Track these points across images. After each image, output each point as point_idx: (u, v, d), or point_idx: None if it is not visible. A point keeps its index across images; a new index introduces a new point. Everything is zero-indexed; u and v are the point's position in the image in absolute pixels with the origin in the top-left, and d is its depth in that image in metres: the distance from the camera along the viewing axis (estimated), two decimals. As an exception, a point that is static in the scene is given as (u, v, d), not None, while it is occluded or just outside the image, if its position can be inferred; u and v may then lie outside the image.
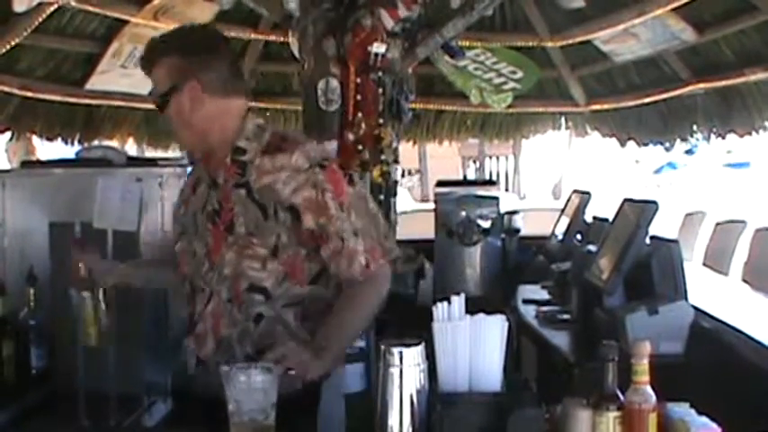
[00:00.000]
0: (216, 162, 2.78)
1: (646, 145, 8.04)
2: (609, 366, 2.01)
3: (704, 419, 2.11)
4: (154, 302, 4.19)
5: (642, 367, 1.99)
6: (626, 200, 4.12)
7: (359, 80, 5.21)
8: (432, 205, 6.56)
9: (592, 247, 4.24)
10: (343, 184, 2.75)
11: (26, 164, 5.07)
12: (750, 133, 6.55)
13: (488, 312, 2.25)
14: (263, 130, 2.81)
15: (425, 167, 20.47)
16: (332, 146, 5.15)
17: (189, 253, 2.83)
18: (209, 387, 2.48)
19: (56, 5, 5.64)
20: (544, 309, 4.47)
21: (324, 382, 2.65)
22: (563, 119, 8.43)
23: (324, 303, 2.74)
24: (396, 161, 5.66)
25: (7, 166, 8.08)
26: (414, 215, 8.44)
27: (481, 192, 6.42)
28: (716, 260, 6.88)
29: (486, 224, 6.06)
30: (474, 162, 21.83)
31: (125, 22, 6.37)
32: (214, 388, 2.30)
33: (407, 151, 9.83)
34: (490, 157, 21.50)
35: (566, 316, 4.27)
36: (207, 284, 2.75)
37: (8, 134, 6.88)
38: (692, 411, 2.14)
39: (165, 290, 3.94)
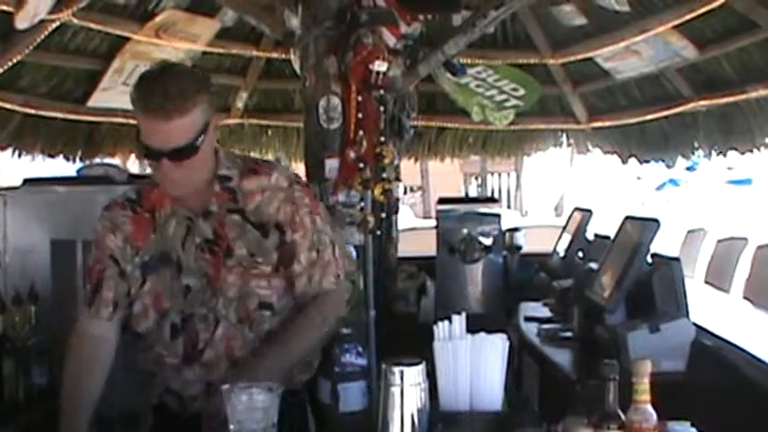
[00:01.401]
0: (203, 194, 2.73)
1: (647, 162, 8.04)
2: (610, 385, 2.01)
3: (705, 438, 2.11)
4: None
5: (643, 386, 1.98)
6: (627, 217, 4.13)
7: (360, 98, 5.21)
8: (433, 222, 6.56)
9: (593, 265, 4.24)
10: (316, 200, 2.89)
11: (28, 181, 5.07)
12: (751, 150, 6.56)
13: (489, 331, 2.25)
14: (234, 156, 2.86)
15: (427, 184, 20.50)
16: (333, 163, 5.15)
17: (171, 289, 2.74)
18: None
19: (58, 23, 5.65)
20: (546, 326, 4.46)
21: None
22: (565, 136, 8.43)
23: None
24: (397, 179, 5.66)
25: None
26: (415, 232, 8.45)
27: (483, 209, 6.41)
28: (717, 277, 6.87)
29: (487, 241, 6.05)
30: (476, 179, 21.87)
31: (127, 40, 6.39)
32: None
33: (409, 168, 9.85)
34: (492, 174, 21.54)
35: (567, 333, 4.26)
36: (210, 311, 2.72)
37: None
38: (693, 430, 2.14)
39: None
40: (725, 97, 6.38)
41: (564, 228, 5.83)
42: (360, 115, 5.20)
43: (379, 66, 5.11)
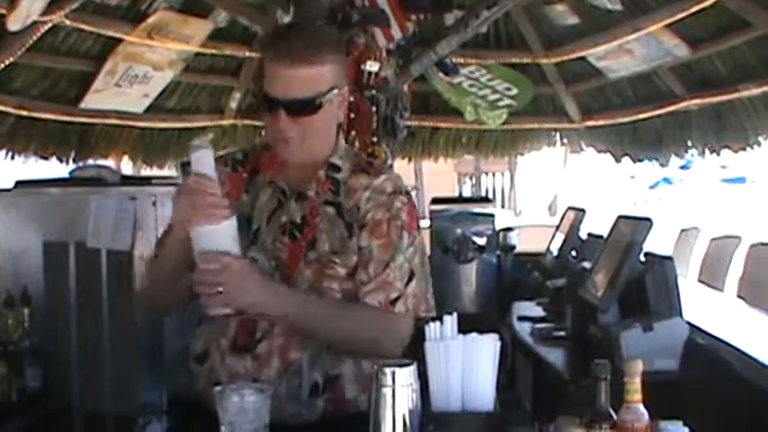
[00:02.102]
0: (306, 175, 2.60)
1: (641, 161, 8.05)
2: (601, 385, 2.01)
3: (698, 437, 2.11)
4: (149, 322, 4.18)
5: (634, 386, 1.98)
6: (620, 216, 4.13)
7: (352, 98, 5.21)
8: (427, 222, 6.57)
9: (586, 264, 4.25)
10: (416, 221, 2.64)
11: (20, 183, 5.07)
12: (744, 149, 6.56)
13: (482, 331, 2.25)
14: (352, 152, 2.75)
15: (421, 184, 20.47)
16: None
17: None
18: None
19: (50, 24, 5.64)
20: (539, 326, 4.47)
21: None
22: (558, 135, 8.43)
23: None
24: (390, 178, 5.66)
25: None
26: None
27: (476, 209, 6.43)
28: (711, 276, 6.86)
29: (481, 241, 6.07)
30: (470, 179, 21.83)
31: (119, 41, 6.37)
32: (277, 414, 2.21)
33: (403, 168, 9.83)
34: (486, 174, 21.50)
35: (561, 333, 4.27)
36: None
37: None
38: (686, 429, 2.13)
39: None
40: (718, 96, 6.39)
41: (557, 227, 5.84)
42: (352, 115, 5.20)
43: (371, 66, 5.12)
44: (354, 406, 2.52)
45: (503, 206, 19.67)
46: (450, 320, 2.23)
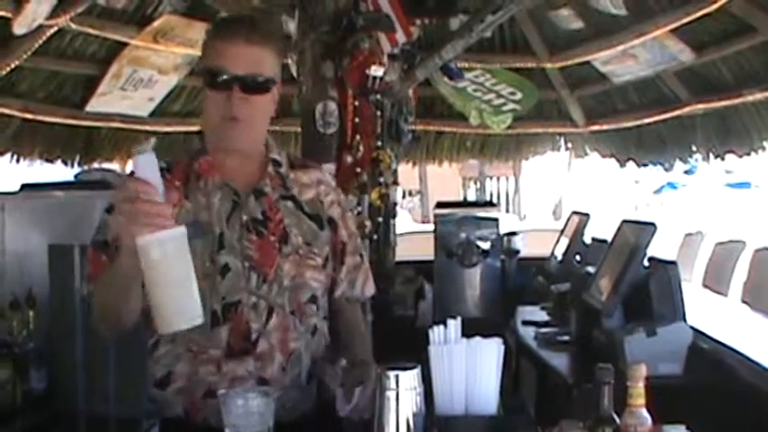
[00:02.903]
0: (256, 172, 2.66)
1: (645, 165, 8.05)
2: (604, 389, 2.01)
3: (701, 442, 2.12)
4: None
5: (638, 390, 1.99)
6: (624, 221, 4.13)
7: (357, 103, 5.22)
8: (432, 226, 6.57)
9: (591, 269, 4.24)
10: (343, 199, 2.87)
11: (26, 186, 5.09)
12: (749, 153, 6.57)
13: (486, 335, 2.25)
14: (278, 147, 2.79)
15: (426, 188, 20.49)
16: (330, 168, 5.15)
17: (204, 266, 2.49)
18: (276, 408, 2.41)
19: (56, 28, 5.66)
20: (543, 330, 4.46)
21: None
22: (562, 140, 8.44)
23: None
24: (395, 183, 5.67)
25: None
26: (413, 236, 8.45)
27: (481, 213, 6.42)
28: (715, 280, 6.88)
29: (485, 245, 6.06)
30: (475, 183, 21.88)
31: (124, 45, 6.39)
32: (281, 407, 2.28)
33: (408, 172, 9.86)
34: (490, 178, 21.56)
35: (565, 337, 4.26)
36: (261, 299, 2.55)
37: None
38: (689, 434, 2.14)
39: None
40: (722, 100, 6.39)
41: (562, 231, 5.84)
42: (356, 120, 5.21)
43: (376, 70, 5.12)
44: (329, 390, 2.56)
45: (507, 210, 19.72)
46: (455, 324, 2.24)
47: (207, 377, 2.51)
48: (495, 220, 6.23)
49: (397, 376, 1.97)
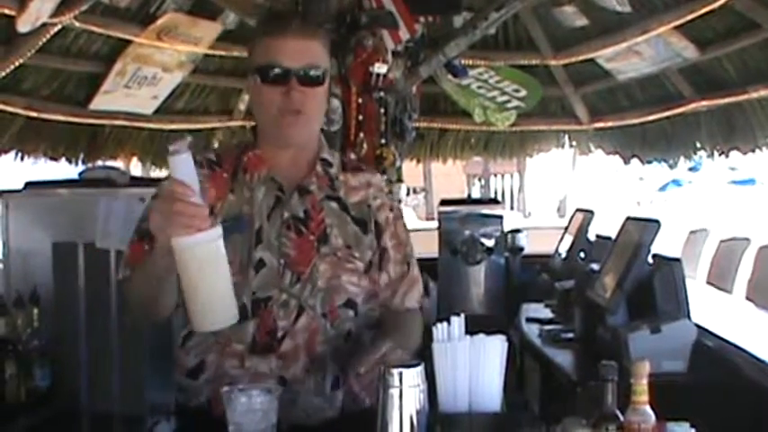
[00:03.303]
0: (301, 170, 2.61)
1: (649, 162, 8.05)
2: (608, 386, 2.01)
3: (705, 439, 2.11)
4: (157, 321, 4.19)
5: (641, 387, 1.99)
6: (629, 218, 4.13)
7: (360, 100, 5.22)
8: (436, 224, 6.57)
9: (595, 266, 4.24)
10: (397, 207, 2.78)
11: (30, 184, 5.09)
12: (753, 150, 6.56)
13: (490, 332, 2.25)
14: (327, 149, 2.74)
15: (430, 185, 20.47)
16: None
17: (240, 260, 2.49)
18: (295, 410, 2.42)
19: (60, 26, 5.66)
20: (547, 327, 4.46)
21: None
22: (567, 137, 8.44)
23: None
24: (399, 180, 5.68)
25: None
26: (418, 234, 8.44)
27: (485, 210, 6.42)
28: (719, 278, 6.87)
29: (489, 243, 6.06)
30: (479, 180, 21.87)
31: (129, 43, 6.39)
32: (302, 411, 2.31)
33: (412, 169, 9.85)
34: (495, 176, 21.55)
35: (569, 335, 4.26)
36: (293, 298, 2.51)
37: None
38: (693, 431, 2.14)
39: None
40: (726, 97, 6.39)
41: (566, 229, 5.84)
42: (360, 117, 5.22)
43: (379, 68, 5.12)
44: (362, 399, 2.57)
45: (511, 208, 19.70)
46: (458, 322, 2.24)
47: (231, 370, 2.50)
48: (500, 217, 6.23)
49: (400, 373, 1.97)
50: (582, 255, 5.31)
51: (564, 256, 5.53)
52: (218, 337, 2.50)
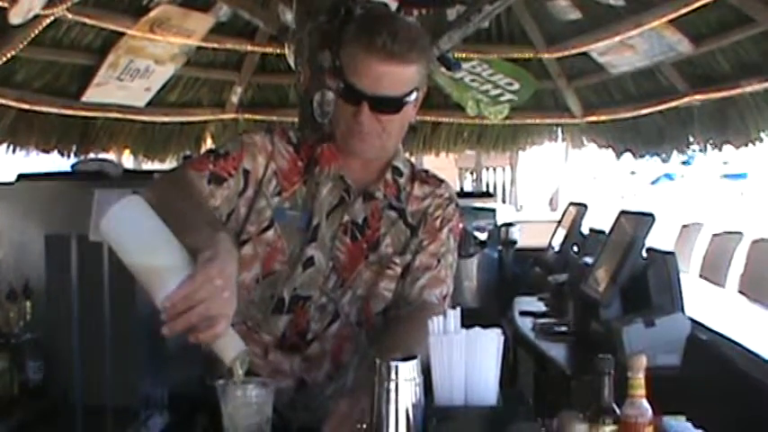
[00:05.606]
0: (370, 174, 2.54)
1: (642, 156, 8.06)
2: (604, 380, 2.01)
3: (701, 433, 2.12)
4: (150, 314, 4.18)
5: (638, 381, 1.98)
6: (622, 212, 4.12)
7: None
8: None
9: (588, 259, 4.24)
10: (460, 228, 2.69)
11: (22, 177, 5.07)
12: (746, 144, 6.57)
13: (484, 325, 2.24)
14: (405, 157, 2.69)
15: (422, 179, 20.43)
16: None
17: (291, 253, 2.44)
18: (308, 413, 2.41)
19: (52, 18, 5.65)
20: (541, 321, 4.45)
21: None
22: (560, 130, 8.45)
23: None
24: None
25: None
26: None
27: (478, 204, 6.41)
28: (713, 271, 6.86)
29: (482, 236, 6.05)
30: (471, 173, 21.83)
31: (121, 35, 6.39)
32: (314, 414, 2.29)
33: (404, 163, 9.84)
34: (487, 169, 21.49)
35: (562, 328, 4.26)
36: (331, 302, 2.47)
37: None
38: (689, 425, 2.14)
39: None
40: (720, 91, 6.40)
41: (559, 222, 5.83)
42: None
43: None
44: None
45: (504, 201, 19.66)
46: (454, 315, 2.23)
47: (253, 359, 2.36)
48: (492, 210, 6.23)
49: (396, 367, 1.96)
50: (575, 248, 5.31)
51: (557, 249, 5.53)
52: (246, 320, 2.45)
